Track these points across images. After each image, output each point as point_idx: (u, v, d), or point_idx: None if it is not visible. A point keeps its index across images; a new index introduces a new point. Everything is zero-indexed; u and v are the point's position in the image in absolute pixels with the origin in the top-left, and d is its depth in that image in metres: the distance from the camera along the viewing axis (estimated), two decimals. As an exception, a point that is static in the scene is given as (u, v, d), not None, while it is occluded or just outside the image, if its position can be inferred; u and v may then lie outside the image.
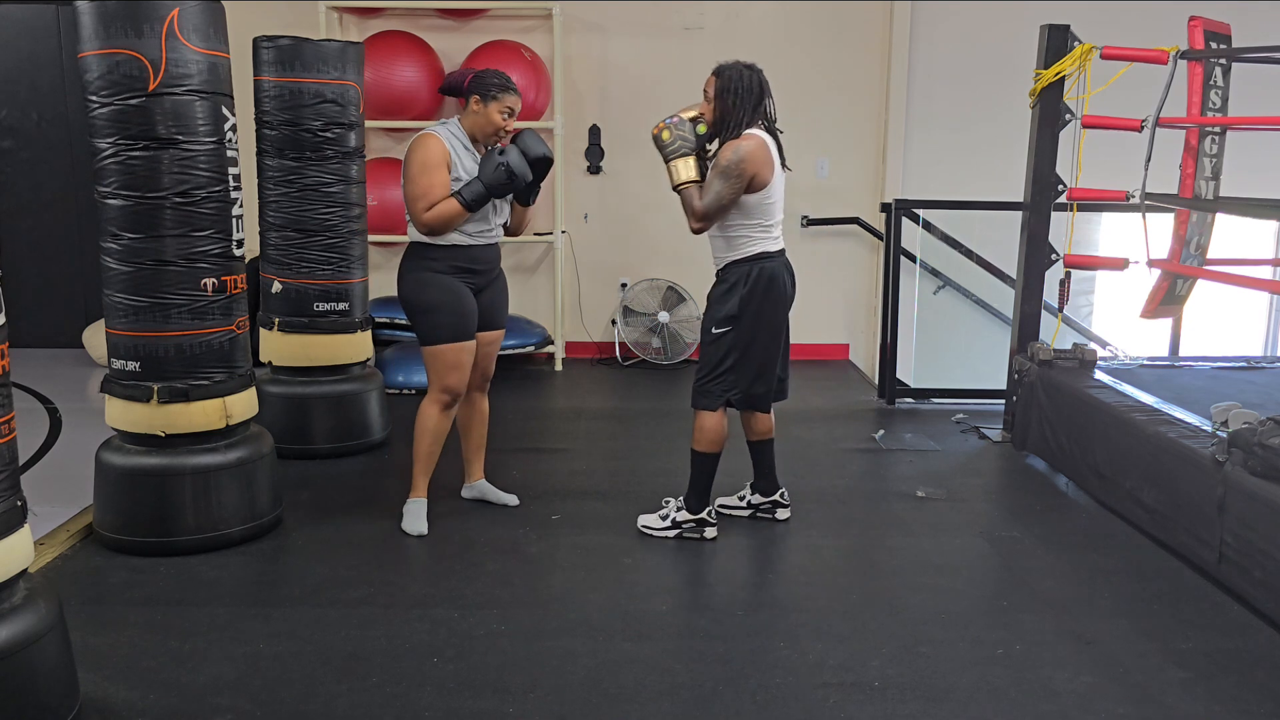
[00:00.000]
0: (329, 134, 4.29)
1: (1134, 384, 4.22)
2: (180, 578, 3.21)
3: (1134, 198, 4.29)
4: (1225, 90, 4.23)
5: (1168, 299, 4.44)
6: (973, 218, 6.16)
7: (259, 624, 2.92)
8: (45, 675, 2.29)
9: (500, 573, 3.30)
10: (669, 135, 3.38)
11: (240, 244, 3.42)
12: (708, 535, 3.57)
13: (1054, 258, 4.74)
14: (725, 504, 3.85)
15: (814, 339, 6.55)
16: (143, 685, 2.58)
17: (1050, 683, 2.66)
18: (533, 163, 3.46)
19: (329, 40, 4.44)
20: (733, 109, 3.34)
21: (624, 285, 6.62)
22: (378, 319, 5.60)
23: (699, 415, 3.51)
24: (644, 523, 3.65)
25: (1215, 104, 4.21)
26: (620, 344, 6.58)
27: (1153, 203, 4.26)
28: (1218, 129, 4.23)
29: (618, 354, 6.61)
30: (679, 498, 3.64)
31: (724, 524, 3.66)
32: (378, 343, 5.19)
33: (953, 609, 3.10)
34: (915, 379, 5.89)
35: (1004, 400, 4.98)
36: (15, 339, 4.27)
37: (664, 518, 3.61)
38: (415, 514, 3.65)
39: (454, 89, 3.56)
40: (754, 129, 3.35)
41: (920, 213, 5.98)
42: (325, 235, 4.36)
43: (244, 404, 3.47)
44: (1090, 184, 4.53)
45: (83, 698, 2.45)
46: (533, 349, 6.27)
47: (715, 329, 3.46)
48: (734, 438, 3.62)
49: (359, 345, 4.54)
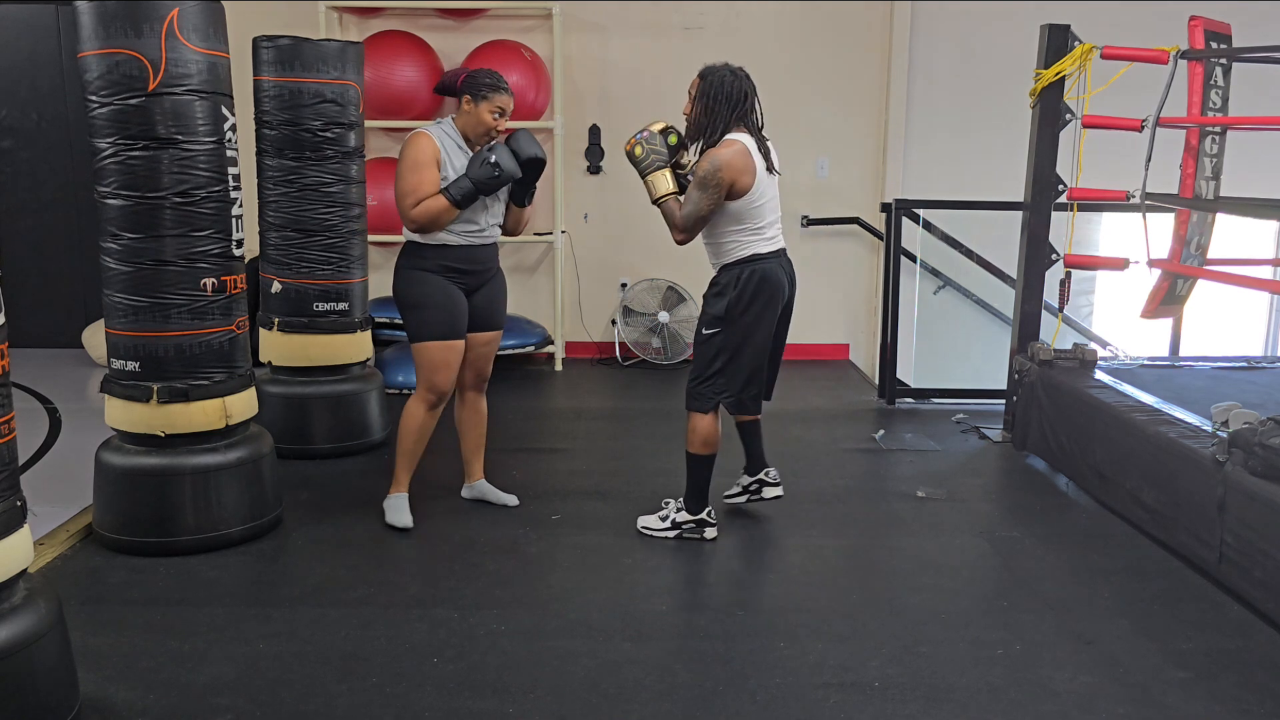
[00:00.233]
0: (329, 134, 4.29)
1: (1134, 384, 4.21)
2: (180, 578, 3.21)
3: (1134, 198, 4.29)
4: (1225, 90, 4.22)
5: (1168, 299, 4.44)
6: (973, 218, 6.16)
7: (259, 624, 2.92)
8: (45, 675, 2.29)
9: (500, 573, 3.30)
10: (641, 150, 3.39)
11: (240, 244, 3.42)
12: (708, 535, 3.57)
13: (1054, 258, 4.74)
14: (728, 495, 3.88)
15: (814, 339, 6.54)
16: (143, 685, 2.58)
17: (1050, 683, 2.66)
18: (525, 163, 3.45)
19: (329, 40, 4.43)
20: (713, 111, 3.32)
21: (624, 285, 6.62)
22: (378, 319, 5.59)
23: (691, 417, 3.51)
24: (644, 524, 3.65)
25: (1215, 104, 4.21)
26: (620, 344, 6.57)
27: (1153, 203, 4.26)
28: (1218, 129, 4.22)
29: (618, 354, 6.61)
30: (678, 499, 3.64)
31: (724, 524, 3.66)
32: (378, 343, 5.19)
33: (953, 609, 3.10)
34: (915, 379, 5.89)
35: (1004, 400, 4.98)
36: (15, 339, 4.26)
37: (664, 519, 3.61)
38: (397, 508, 3.67)
39: (448, 89, 3.56)
40: (736, 133, 3.33)
41: (920, 213, 5.98)
42: (325, 235, 4.36)
43: (244, 404, 3.47)
44: (1090, 184, 4.53)
45: (83, 698, 2.45)
46: (533, 349, 6.27)
47: (705, 330, 3.48)
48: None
49: (359, 345, 4.54)
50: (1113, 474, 3.87)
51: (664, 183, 3.37)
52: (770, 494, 3.80)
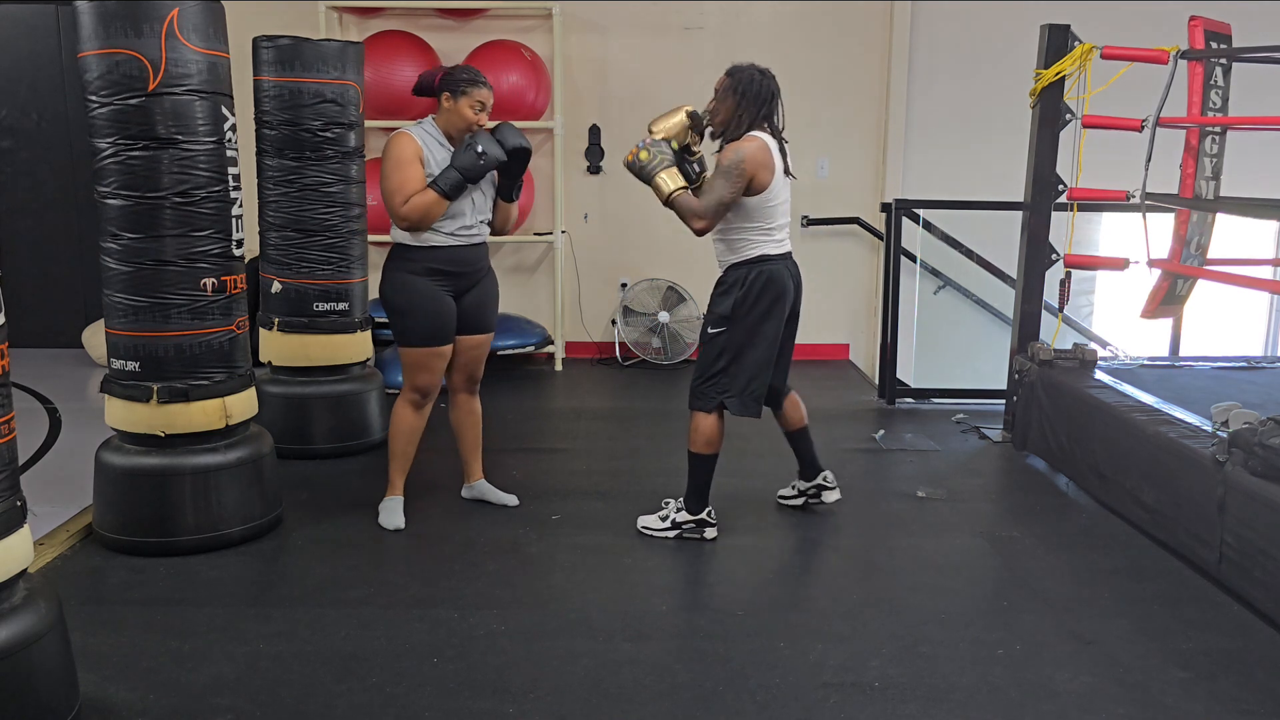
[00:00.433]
0: (329, 134, 4.29)
1: (1134, 384, 4.21)
2: (180, 578, 3.21)
3: (1134, 198, 4.29)
4: (1225, 90, 4.22)
5: (1168, 299, 4.44)
6: (973, 218, 6.16)
7: (259, 624, 2.92)
8: (45, 675, 2.29)
9: (500, 573, 3.30)
10: (648, 154, 3.38)
11: (240, 244, 3.42)
12: (707, 536, 3.57)
13: (1054, 258, 4.74)
14: (783, 494, 3.92)
15: (814, 339, 6.53)
16: (143, 685, 2.58)
17: (1050, 683, 2.66)
18: (510, 152, 3.44)
19: (329, 40, 4.43)
20: (739, 108, 3.35)
21: (624, 285, 6.62)
22: (377, 319, 5.60)
23: (694, 416, 3.51)
24: (644, 523, 3.65)
25: (1215, 104, 4.21)
26: (620, 344, 6.57)
27: (1153, 203, 4.26)
28: (1218, 129, 4.22)
29: (618, 354, 6.61)
30: (679, 499, 3.64)
31: (724, 524, 3.65)
32: (377, 343, 5.18)
33: (953, 609, 3.10)
34: (915, 379, 5.89)
35: (1004, 400, 4.97)
36: (15, 339, 4.26)
37: (664, 518, 3.61)
38: (391, 510, 3.68)
39: (425, 89, 3.53)
40: (758, 132, 3.36)
41: (920, 213, 5.98)
42: (325, 235, 4.36)
43: (244, 404, 3.47)
44: (1090, 184, 4.53)
45: (83, 698, 2.45)
46: (533, 349, 6.27)
47: (710, 329, 3.48)
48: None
49: (359, 345, 4.54)
50: (1113, 474, 3.87)
51: (673, 179, 3.36)
52: (830, 498, 3.82)
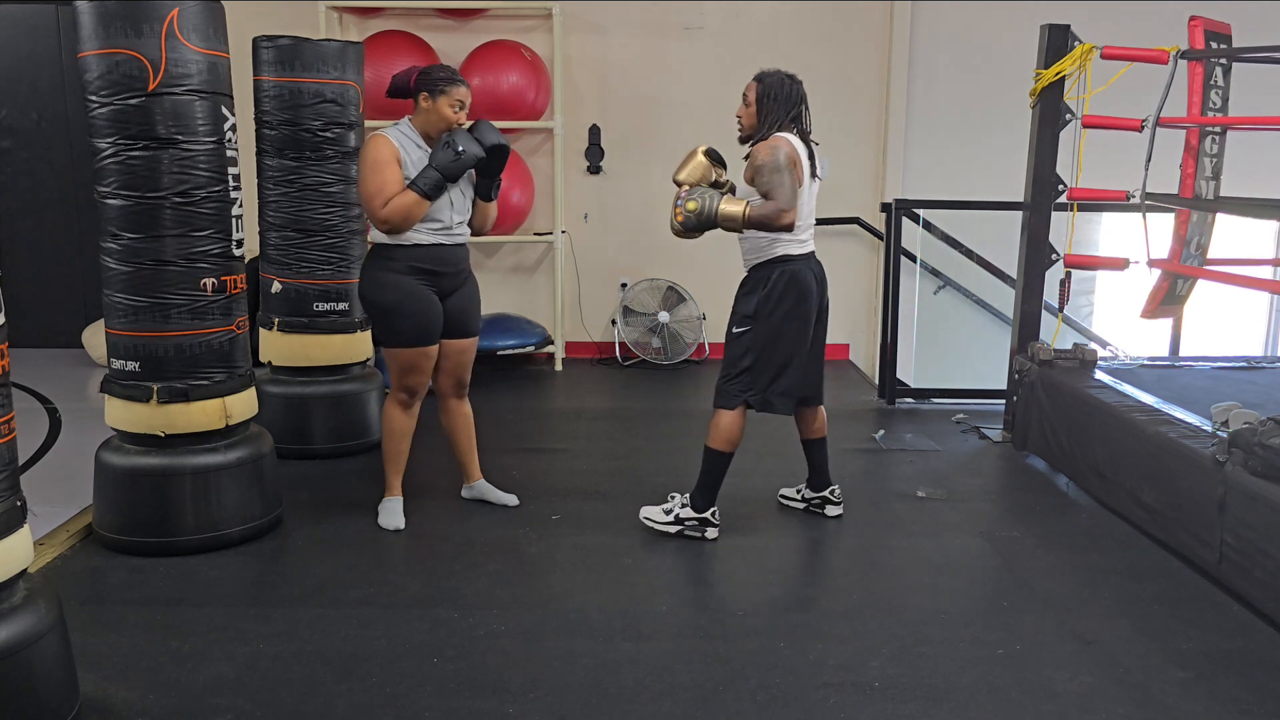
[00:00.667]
0: (329, 134, 4.29)
1: (1134, 384, 4.21)
2: (180, 578, 3.21)
3: (1134, 198, 4.29)
4: (1225, 90, 4.22)
5: (1168, 299, 4.44)
6: (973, 218, 6.16)
7: (259, 624, 2.92)
8: (45, 675, 2.29)
9: (500, 573, 3.30)
10: (695, 203, 3.33)
11: (240, 244, 3.42)
12: (709, 536, 3.57)
13: (1054, 258, 4.74)
14: (784, 494, 3.94)
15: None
16: (143, 685, 2.58)
17: (1050, 683, 2.66)
18: (489, 151, 3.41)
19: (329, 40, 4.43)
20: (769, 111, 3.38)
21: (624, 285, 6.62)
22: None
23: (717, 413, 3.53)
24: (646, 514, 3.65)
25: (1215, 104, 4.21)
26: (620, 344, 6.57)
27: (1153, 203, 4.26)
28: (1218, 129, 4.22)
29: (618, 354, 6.61)
30: (684, 494, 3.64)
31: (723, 524, 3.65)
32: (377, 343, 5.18)
33: (953, 609, 3.10)
34: (915, 379, 5.89)
35: (1004, 400, 4.97)
36: (15, 339, 4.26)
37: (667, 511, 3.62)
38: (391, 510, 3.68)
39: (401, 90, 3.50)
40: (785, 133, 3.38)
41: (920, 213, 5.98)
42: (325, 235, 4.36)
43: (244, 404, 3.47)
44: (1090, 184, 4.53)
45: (83, 698, 2.45)
46: (533, 349, 6.27)
47: (735, 329, 3.50)
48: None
49: (359, 345, 4.54)
50: (1113, 474, 3.87)
51: (737, 203, 3.33)
52: (832, 512, 3.83)
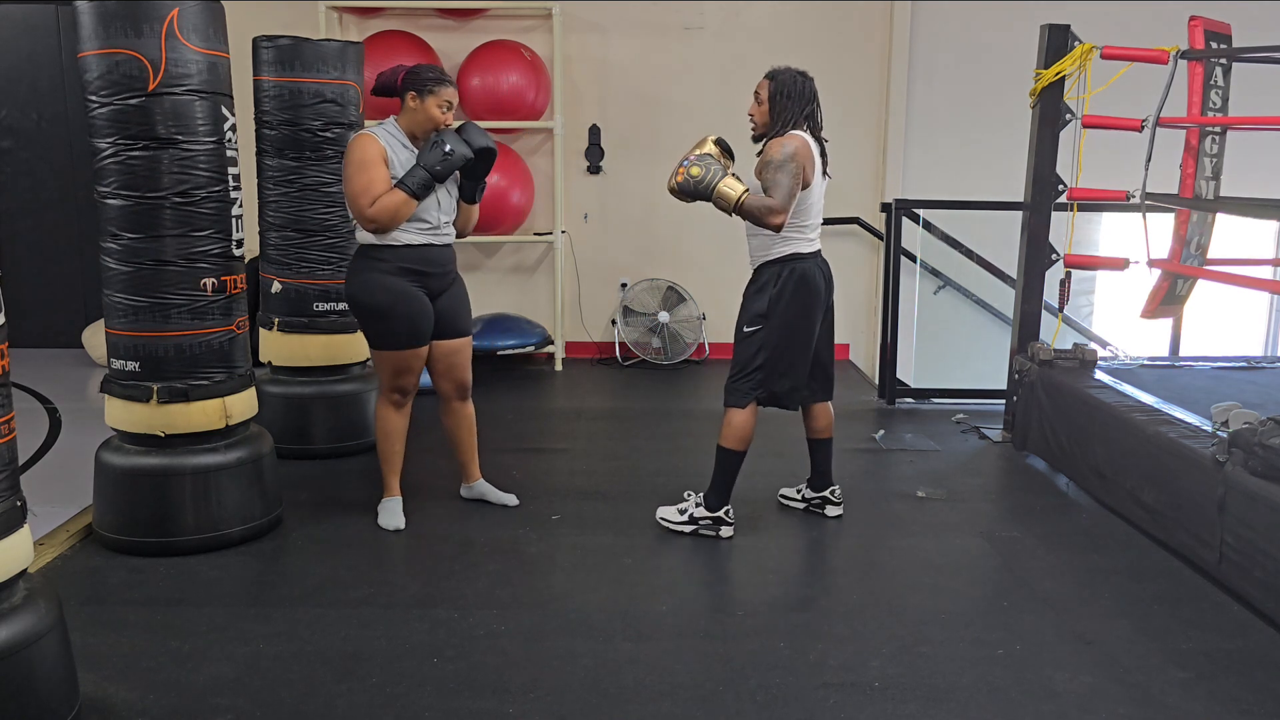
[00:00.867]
0: (329, 134, 4.29)
1: (1134, 384, 4.21)
2: (180, 578, 3.21)
3: (1134, 198, 4.29)
4: (1225, 90, 4.22)
5: (1168, 299, 4.44)
6: (973, 218, 6.16)
7: (259, 624, 2.92)
8: (45, 675, 2.29)
9: (500, 573, 3.30)
10: (699, 170, 3.31)
11: (240, 244, 3.42)
12: (723, 534, 3.58)
13: (1054, 258, 4.74)
14: (784, 494, 3.94)
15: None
16: (143, 685, 2.58)
17: (1050, 683, 2.66)
18: (476, 153, 3.41)
19: (329, 40, 4.43)
20: (783, 109, 3.38)
21: (624, 285, 6.62)
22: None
23: (728, 412, 3.53)
24: (662, 515, 3.66)
25: (1215, 104, 4.21)
26: (620, 344, 6.57)
27: (1153, 203, 4.26)
28: (1218, 129, 4.22)
29: (618, 354, 6.61)
30: (699, 493, 3.65)
31: (724, 524, 3.66)
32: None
33: (953, 609, 3.10)
34: (915, 379, 5.89)
35: (1004, 400, 4.97)
36: (15, 339, 4.27)
37: (682, 511, 3.63)
38: (390, 510, 3.67)
39: (387, 88, 3.48)
40: (798, 130, 3.39)
41: (920, 213, 5.98)
42: (325, 235, 4.36)
43: (244, 404, 3.47)
44: (1090, 184, 4.53)
45: (83, 698, 2.45)
46: (533, 349, 6.27)
47: (746, 327, 3.50)
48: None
49: (359, 345, 4.53)
50: (1113, 474, 3.87)
51: (736, 184, 3.32)
52: (832, 512, 3.83)
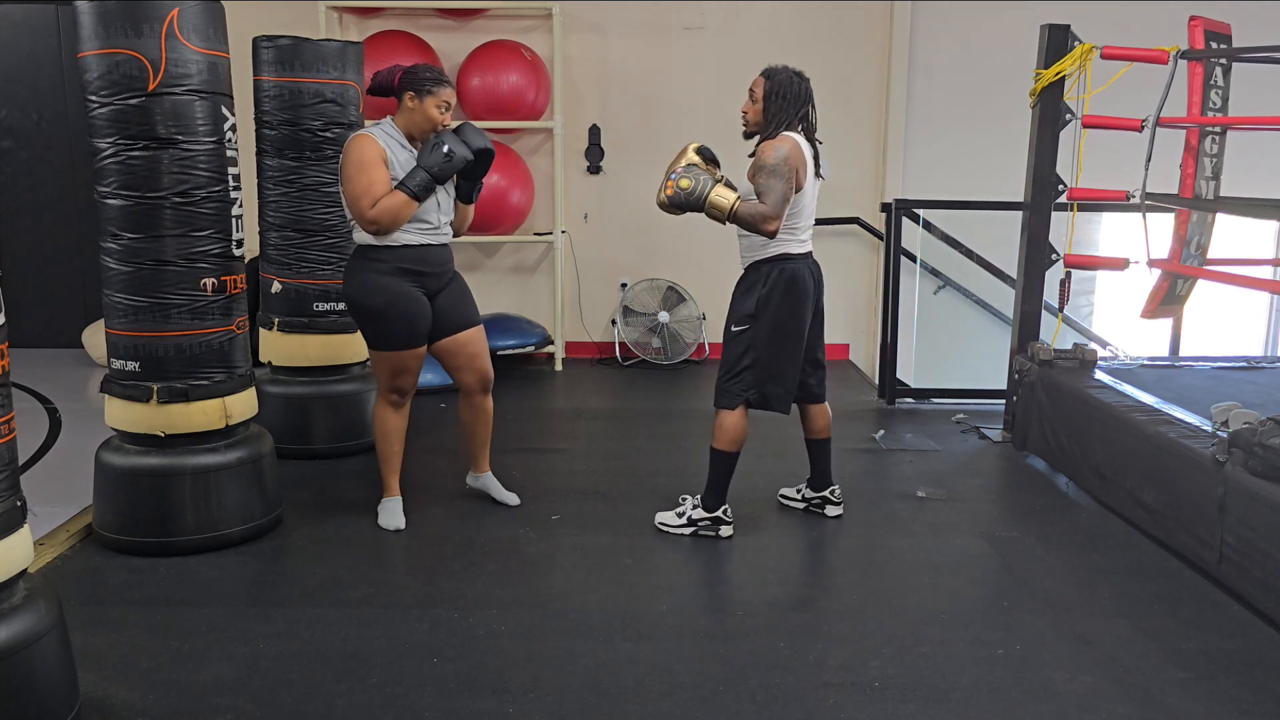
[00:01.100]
0: (329, 134, 4.29)
1: (1134, 384, 4.21)
2: (180, 578, 3.21)
3: (1134, 198, 4.29)
4: (1225, 90, 4.22)
5: (1168, 299, 4.44)
6: (973, 218, 6.16)
7: (259, 624, 2.92)
8: (45, 675, 2.29)
9: (500, 573, 3.30)
10: (689, 181, 3.31)
11: (240, 244, 3.42)
12: (723, 534, 3.58)
13: (1054, 258, 4.74)
14: (784, 494, 3.94)
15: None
16: (143, 685, 2.58)
17: (1050, 683, 2.66)
18: (476, 154, 3.41)
19: (329, 40, 4.43)
20: (778, 109, 3.37)
21: (624, 285, 6.62)
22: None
23: (719, 414, 3.52)
24: (661, 520, 3.66)
25: (1215, 104, 4.21)
26: (620, 344, 6.57)
27: (1153, 203, 4.26)
28: (1218, 129, 4.22)
29: (618, 354, 6.61)
30: (695, 495, 3.65)
31: (724, 524, 3.66)
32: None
33: (953, 609, 3.10)
34: (915, 379, 5.89)
35: (1004, 400, 4.97)
36: (15, 339, 4.27)
37: (680, 514, 3.63)
38: (390, 510, 3.67)
39: (384, 88, 3.47)
40: (791, 132, 3.38)
41: (920, 213, 5.98)
42: (325, 235, 4.36)
43: (244, 404, 3.47)
44: (1090, 184, 4.53)
45: (83, 698, 2.45)
46: (533, 349, 6.27)
47: (734, 327, 3.49)
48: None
49: (359, 345, 4.53)
50: (1113, 474, 3.87)
51: (728, 193, 3.32)
52: (832, 512, 3.82)
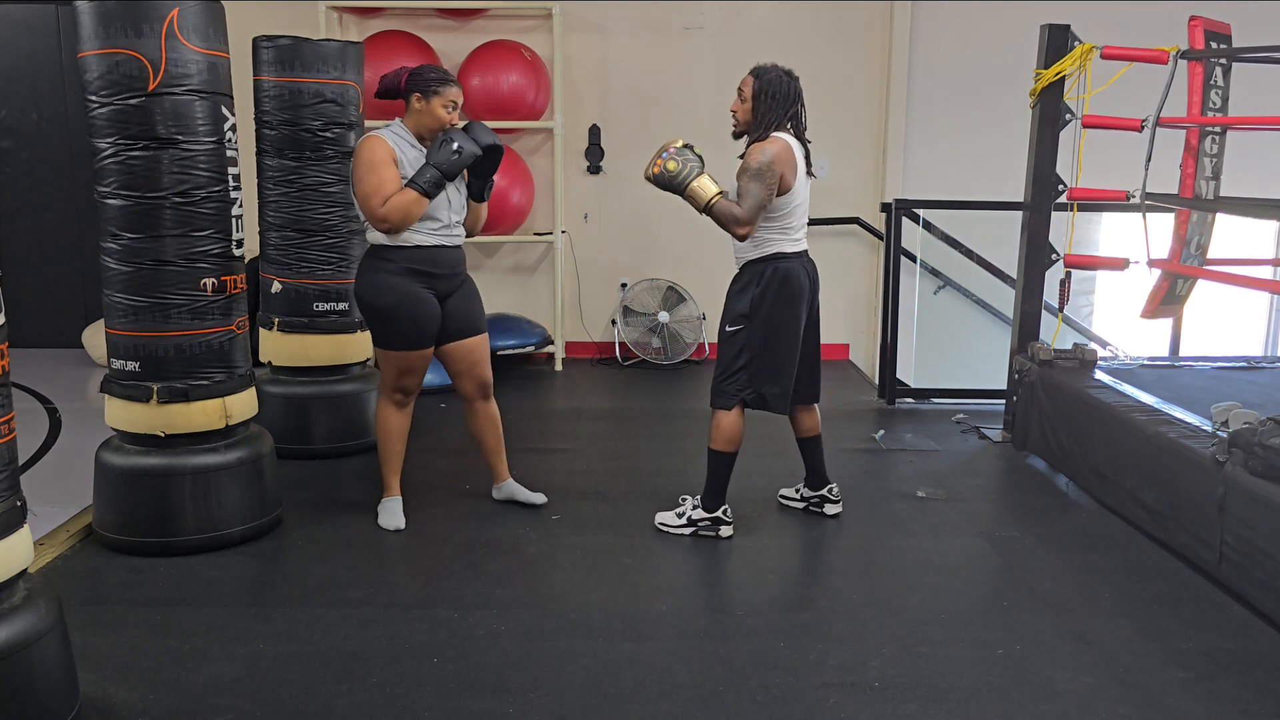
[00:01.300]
0: (329, 134, 4.29)
1: (1134, 384, 4.21)
2: (180, 578, 3.21)
3: (1134, 198, 4.29)
4: (1225, 90, 4.22)
5: (1168, 299, 4.44)
6: (973, 218, 6.16)
7: (259, 624, 2.92)
8: (45, 675, 2.29)
9: (500, 573, 3.30)
10: (675, 164, 3.32)
11: (240, 244, 3.42)
12: (723, 534, 3.58)
13: (1054, 258, 4.74)
14: (784, 494, 3.95)
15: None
16: (143, 685, 2.58)
17: (1050, 683, 2.66)
18: (485, 150, 3.41)
19: (329, 40, 4.43)
20: (767, 109, 3.36)
21: (624, 285, 6.62)
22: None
23: (715, 414, 3.52)
24: (661, 520, 3.66)
25: (1215, 104, 4.21)
26: (620, 344, 6.57)
27: (1153, 203, 4.26)
28: (1218, 129, 4.22)
29: (618, 354, 6.61)
30: (695, 495, 3.65)
31: (724, 524, 3.66)
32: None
33: (953, 609, 3.10)
34: (915, 379, 5.89)
35: (1004, 400, 4.97)
36: (15, 339, 4.26)
37: (680, 515, 3.63)
38: (390, 510, 3.67)
39: (391, 91, 3.48)
40: (781, 133, 3.37)
41: (920, 213, 5.98)
42: (325, 235, 4.36)
43: (244, 404, 3.47)
44: (1090, 184, 4.53)
45: (83, 698, 2.45)
46: (533, 349, 6.27)
47: (729, 327, 3.49)
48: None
49: (359, 345, 4.54)
50: (1113, 474, 3.87)
51: (709, 185, 3.32)
52: (830, 510, 3.82)
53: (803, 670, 2.70)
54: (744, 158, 3.38)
